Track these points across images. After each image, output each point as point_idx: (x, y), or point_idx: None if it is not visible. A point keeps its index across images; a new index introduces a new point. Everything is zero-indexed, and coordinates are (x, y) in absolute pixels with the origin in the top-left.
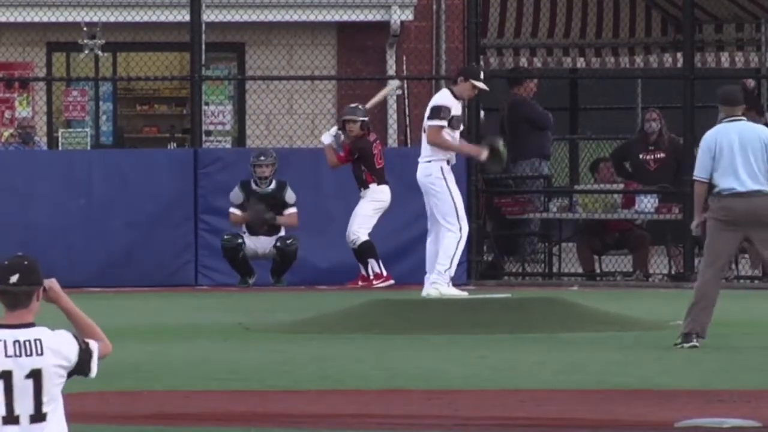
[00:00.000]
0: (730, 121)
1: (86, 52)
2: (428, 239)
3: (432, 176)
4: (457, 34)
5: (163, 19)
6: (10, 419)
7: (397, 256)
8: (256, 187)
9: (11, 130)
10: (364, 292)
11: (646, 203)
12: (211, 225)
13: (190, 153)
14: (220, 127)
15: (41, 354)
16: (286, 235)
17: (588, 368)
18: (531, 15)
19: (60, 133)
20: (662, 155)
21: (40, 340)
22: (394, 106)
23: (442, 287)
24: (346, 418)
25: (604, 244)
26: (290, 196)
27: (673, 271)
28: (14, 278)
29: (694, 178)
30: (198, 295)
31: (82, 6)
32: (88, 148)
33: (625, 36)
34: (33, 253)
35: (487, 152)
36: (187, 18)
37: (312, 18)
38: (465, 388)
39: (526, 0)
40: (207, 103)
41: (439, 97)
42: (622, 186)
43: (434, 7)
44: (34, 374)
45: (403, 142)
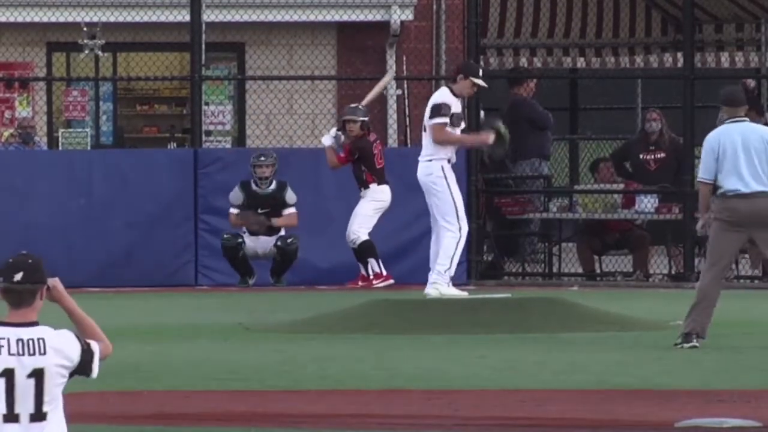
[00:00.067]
0: (733, 122)
1: (86, 52)
2: (432, 238)
3: (433, 175)
4: (457, 34)
5: (163, 19)
6: (10, 417)
7: (397, 256)
8: (256, 187)
9: (11, 130)
10: (364, 292)
11: (646, 203)
12: (211, 225)
13: (190, 153)
14: (220, 127)
15: (44, 353)
16: (286, 235)
17: (588, 368)
18: (531, 15)
19: (60, 133)
20: (663, 155)
21: (44, 340)
22: (394, 106)
23: (442, 287)
24: (346, 418)
25: (604, 244)
26: (290, 196)
27: (673, 271)
28: (18, 276)
29: (698, 180)
30: (198, 295)
31: (82, 6)
32: (88, 148)
33: (625, 36)
34: (33, 253)
35: (493, 135)
36: (187, 18)
37: (312, 18)
38: (465, 388)
39: (526, 0)
40: (207, 103)
41: (438, 95)
42: (622, 186)
43: (434, 7)
44: (36, 373)
45: (403, 142)
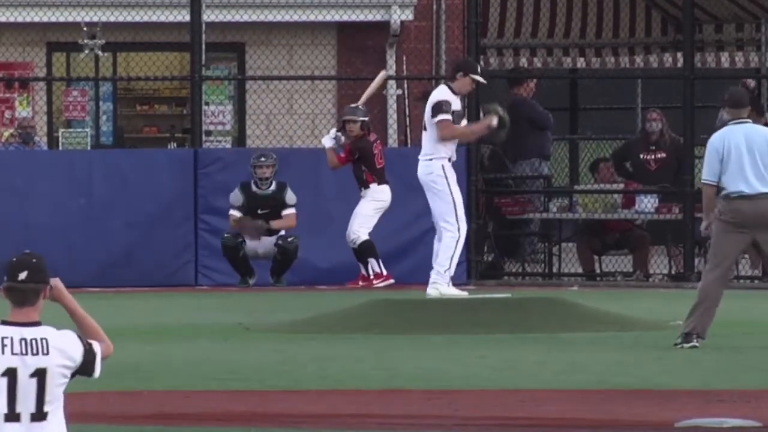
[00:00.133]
0: (737, 123)
1: (86, 52)
2: (436, 237)
3: (433, 174)
4: (457, 34)
5: (163, 19)
6: (11, 417)
7: (397, 256)
8: (256, 188)
9: (11, 130)
10: (364, 292)
11: (646, 203)
12: (211, 225)
13: (190, 153)
14: (220, 127)
15: (47, 353)
16: (286, 234)
17: (588, 368)
18: (531, 15)
19: (60, 133)
20: (663, 155)
21: (47, 340)
22: (394, 106)
23: (442, 287)
24: (346, 418)
25: (604, 244)
26: (290, 197)
27: (673, 271)
28: (23, 275)
29: (702, 181)
30: (198, 295)
31: (82, 6)
32: (88, 148)
33: (625, 36)
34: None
35: (496, 119)
36: (187, 18)
37: (312, 18)
38: (465, 388)
39: (526, 0)
40: (207, 103)
41: (437, 93)
42: (622, 186)
43: (434, 7)
44: (38, 373)
45: (403, 142)
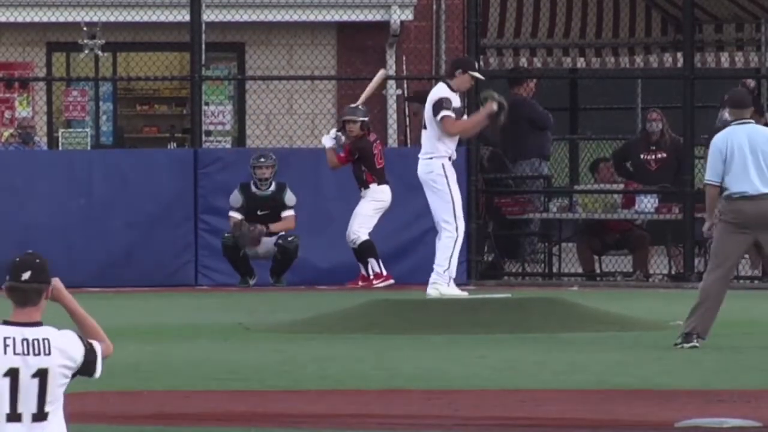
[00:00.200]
0: (739, 123)
1: (86, 52)
2: (437, 237)
3: (434, 173)
4: (457, 34)
5: (163, 19)
6: (13, 417)
7: (397, 256)
8: (255, 189)
9: (11, 130)
10: (364, 292)
11: (646, 203)
12: (211, 225)
13: (190, 153)
14: (220, 127)
15: (49, 354)
16: (286, 234)
17: (588, 368)
18: (531, 15)
19: (60, 133)
20: (663, 155)
21: (48, 340)
22: (394, 106)
23: (442, 287)
24: (346, 418)
25: (604, 244)
26: (290, 198)
27: (673, 271)
28: (26, 275)
29: (705, 182)
30: (198, 295)
31: (82, 6)
32: (88, 148)
33: (625, 36)
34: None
35: (495, 104)
36: (187, 18)
37: (312, 18)
38: (465, 388)
39: (526, 0)
40: (207, 103)
41: (437, 91)
42: (622, 186)
43: (434, 7)
44: (40, 373)
45: (403, 142)
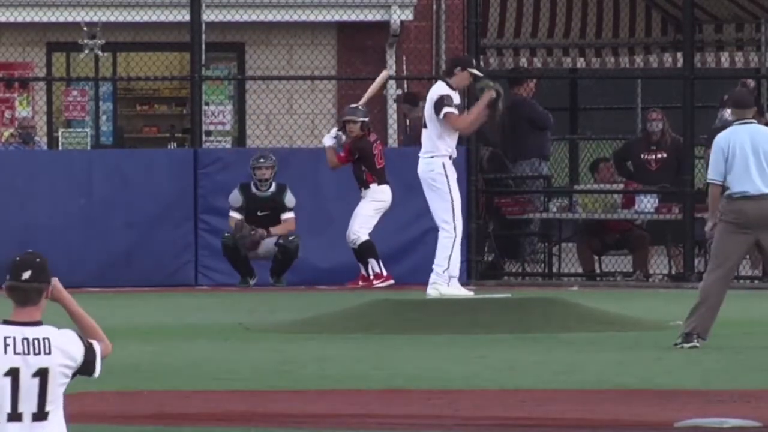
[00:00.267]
0: (741, 123)
1: (86, 52)
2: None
3: (434, 171)
4: (457, 34)
5: (163, 19)
6: (13, 417)
7: (397, 256)
8: (256, 190)
9: (11, 130)
10: (364, 292)
11: (646, 203)
12: (211, 225)
13: (190, 153)
14: (220, 127)
15: (49, 353)
16: (287, 234)
17: (588, 368)
18: (531, 15)
19: (60, 133)
20: (664, 155)
21: (48, 339)
22: (394, 107)
23: (442, 287)
24: (346, 418)
25: (604, 244)
26: (290, 199)
27: (673, 271)
28: (26, 274)
29: (707, 181)
30: (198, 295)
31: (82, 6)
32: (88, 148)
33: (625, 36)
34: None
35: (493, 92)
36: (187, 18)
37: (312, 18)
38: (465, 388)
39: (526, 0)
40: (207, 103)
41: (436, 89)
42: (621, 186)
43: (434, 7)
44: (41, 373)
45: (403, 142)
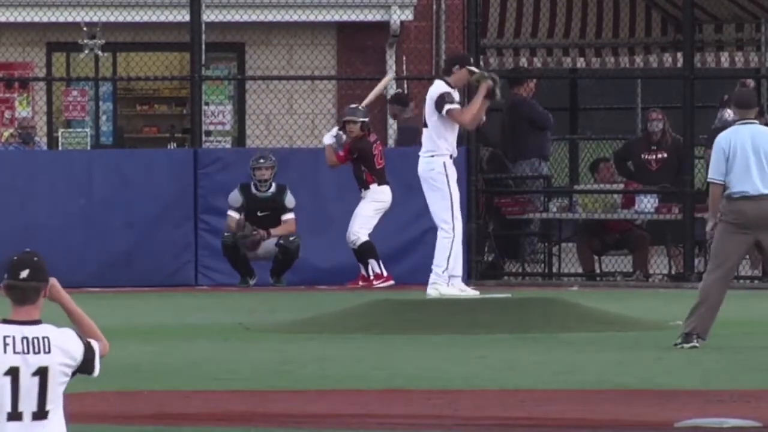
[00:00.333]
0: (743, 123)
1: (86, 52)
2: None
3: (435, 171)
4: (457, 34)
5: (163, 19)
6: (14, 416)
7: (397, 256)
8: (255, 190)
9: (11, 130)
10: (364, 292)
11: (646, 203)
12: (211, 225)
13: (190, 153)
14: (220, 127)
15: (49, 352)
16: (287, 235)
17: (588, 368)
18: (531, 15)
19: (60, 133)
20: (664, 155)
21: (48, 338)
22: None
23: (442, 287)
24: (346, 418)
25: (604, 244)
26: (290, 200)
27: (673, 272)
28: (24, 273)
29: (708, 180)
30: (198, 295)
31: (82, 6)
32: (88, 148)
33: (625, 36)
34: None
35: (489, 81)
36: (187, 18)
37: (312, 18)
38: (465, 388)
39: (526, 0)
40: (207, 103)
41: (436, 87)
42: (621, 186)
43: (434, 7)
44: (40, 372)
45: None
